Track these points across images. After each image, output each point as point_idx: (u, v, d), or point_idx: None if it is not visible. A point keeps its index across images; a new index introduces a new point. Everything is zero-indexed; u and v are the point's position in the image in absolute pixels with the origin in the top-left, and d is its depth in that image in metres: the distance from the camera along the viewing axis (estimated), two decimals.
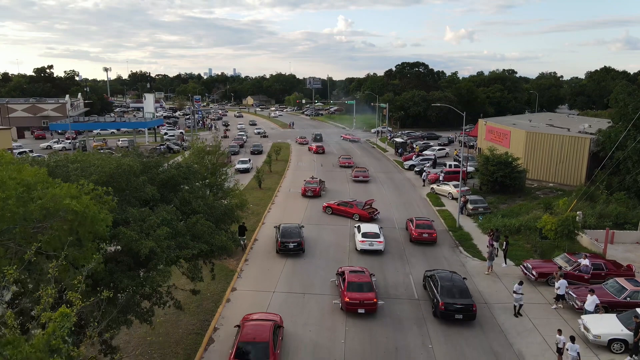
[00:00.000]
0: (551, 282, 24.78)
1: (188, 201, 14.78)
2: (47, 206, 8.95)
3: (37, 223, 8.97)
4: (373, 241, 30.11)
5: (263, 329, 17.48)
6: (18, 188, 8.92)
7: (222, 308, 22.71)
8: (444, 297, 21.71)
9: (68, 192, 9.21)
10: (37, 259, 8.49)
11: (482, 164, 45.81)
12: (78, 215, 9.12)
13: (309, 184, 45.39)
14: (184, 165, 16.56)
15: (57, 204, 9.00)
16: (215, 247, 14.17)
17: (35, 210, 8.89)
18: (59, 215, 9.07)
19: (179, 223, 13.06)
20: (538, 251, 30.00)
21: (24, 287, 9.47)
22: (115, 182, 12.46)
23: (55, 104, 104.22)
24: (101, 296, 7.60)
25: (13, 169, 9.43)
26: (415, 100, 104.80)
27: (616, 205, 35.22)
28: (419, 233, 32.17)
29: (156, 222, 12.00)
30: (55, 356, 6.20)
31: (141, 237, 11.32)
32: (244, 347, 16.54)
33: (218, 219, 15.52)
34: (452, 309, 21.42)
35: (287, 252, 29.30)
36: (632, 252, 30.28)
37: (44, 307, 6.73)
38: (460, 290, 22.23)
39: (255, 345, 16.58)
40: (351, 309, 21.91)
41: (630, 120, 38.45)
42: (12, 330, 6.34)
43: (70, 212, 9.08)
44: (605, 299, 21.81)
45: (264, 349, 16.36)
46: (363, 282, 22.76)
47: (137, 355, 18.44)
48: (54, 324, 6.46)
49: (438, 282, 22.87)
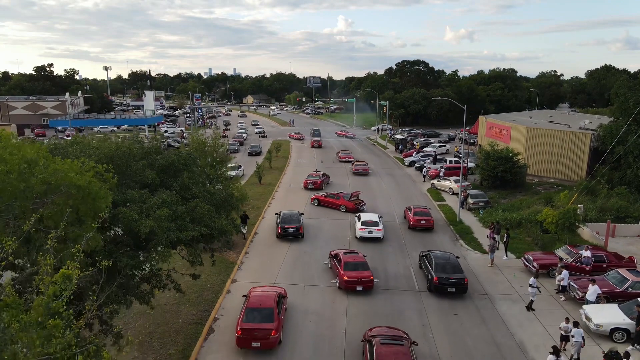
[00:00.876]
0: (552, 274, 24.70)
1: (188, 186, 14.70)
2: (48, 180, 8.85)
3: (38, 198, 8.87)
4: (372, 229, 30.89)
5: (268, 298, 19.08)
6: (20, 163, 8.83)
7: (222, 299, 22.63)
8: (438, 273, 23.08)
9: (70, 168, 9.12)
10: (37, 234, 8.40)
11: (483, 159, 45.74)
12: (80, 190, 9.02)
13: (311, 177, 46.04)
14: (184, 152, 16.49)
15: (59, 179, 8.90)
16: (215, 230, 14.09)
17: (36, 184, 8.77)
18: (61, 190, 8.98)
19: (179, 206, 12.98)
20: (539, 244, 29.92)
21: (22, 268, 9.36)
22: (115, 165, 12.38)
23: (55, 101, 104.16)
24: (99, 265, 7.51)
25: (13, 146, 9.35)
26: (415, 98, 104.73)
27: (617, 199, 35.13)
28: (417, 220, 33.18)
29: (156, 203, 11.93)
30: (56, 317, 6.09)
31: (141, 217, 11.25)
32: (251, 313, 18.05)
33: (218, 205, 15.45)
34: (445, 283, 22.84)
35: (286, 237, 30.41)
36: (633, 245, 30.20)
37: (42, 276, 6.62)
38: (453, 266, 23.62)
39: (261, 310, 18.12)
40: (350, 287, 23.00)
41: (631, 114, 38.38)
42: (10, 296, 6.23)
43: (72, 186, 8.97)
44: (607, 289, 21.72)
45: (269, 314, 17.95)
46: (358, 262, 24.04)
47: (137, 345, 18.36)
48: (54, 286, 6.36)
49: (432, 260, 24.22)
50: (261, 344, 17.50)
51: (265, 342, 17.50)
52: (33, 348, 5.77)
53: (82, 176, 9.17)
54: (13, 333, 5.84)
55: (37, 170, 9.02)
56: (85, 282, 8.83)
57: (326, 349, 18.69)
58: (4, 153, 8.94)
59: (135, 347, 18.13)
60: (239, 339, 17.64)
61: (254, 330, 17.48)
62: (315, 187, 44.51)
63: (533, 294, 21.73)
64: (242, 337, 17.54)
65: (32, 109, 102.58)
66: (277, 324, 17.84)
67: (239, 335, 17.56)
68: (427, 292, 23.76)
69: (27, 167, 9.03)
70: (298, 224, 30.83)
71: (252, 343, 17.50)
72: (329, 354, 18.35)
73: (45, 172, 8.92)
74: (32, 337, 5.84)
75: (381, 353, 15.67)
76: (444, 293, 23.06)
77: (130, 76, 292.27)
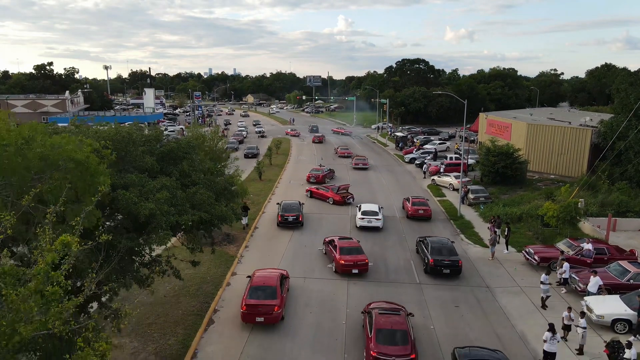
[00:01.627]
0: (554, 267, 24.61)
1: (188, 173, 14.61)
2: (46, 155, 8.77)
3: (37, 174, 8.78)
4: (372, 219, 31.80)
5: (271, 277, 20.38)
6: (18, 139, 8.75)
7: (222, 291, 22.55)
8: (434, 255, 24.38)
9: (68, 142, 9.03)
10: (36, 213, 8.31)
11: (484, 154, 45.66)
12: (79, 165, 8.94)
13: (315, 171, 46.84)
14: (184, 140, 16.42)
15: (57, 154, 8.82)
16: (215, 216, 14.01)
17: (34, 159, 8.70)
18: (59, 165, 8.88)
19: (178, 191, 12.89)
20: (540, 238, 29.83)
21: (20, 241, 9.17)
22: (114, 149, 12.29)
23: (55, 99, 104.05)
24: (99, 239, 7.43)
25: (10, 123, 9.25)
26: (415, 96, 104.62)
27: (618, 194, 35.05)
28: (415, 210, 34.47)
29: (156, 187, 11.84)
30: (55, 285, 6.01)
31: (140, 200, 11.15)
32: (255, 291, 19.23)
33: (218, 193, 15.36)
34: (440, 265, 24.13)
35: (286, 225, 31.54)
36: (634, 239, 30.10)
37: (41, 249, 6.52)
38: (448, 249, 24.86)
39: (265, 289, 19.27)
40: (346, 270, 24.06)
41: (631, 110, 38.28)
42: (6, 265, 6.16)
43: (70, 160, 8.88)
44: (609, 281, 21.65)
45: (272, 291, 19.15)
46: (353, 247, 25.18)
47: (137, 335, 18.29)
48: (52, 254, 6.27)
49: (429, 244, 25.47)
50: (265, 319, 18.58)
51: (268, 317, 18.60)
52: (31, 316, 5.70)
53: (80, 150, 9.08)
54: (11, 303, 5.76)
55: (35, 145, 8.94)
56: (84, 256, 8.75)
57: (325, 342, 18.63)
58: (1, 130, 8.85)
59: (135, 337, 18.07)
60: (244, 315, 18.75)
61: (258, 306, 18.54)
62: (317, 180, 44.99)
63: (546, 291, 21.25)
64: (247, 313, 18.65)
65: (32, 107, 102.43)
66: (279, 300, 18.98)
67: (244, 310, 18.66)
68: (428, 285, 23.72)
69: (25, 142, 8.95)
70: (298, 213, 31.97)
71: (257, 318, 18.56)
72: (329, 346, 18.30)
73: (42, 147, 8.85)
74: (30, 304, 5.76)
75: (379, 322, 17.11)
76: (439, 274, 24.24)
77: (131, 76, 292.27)
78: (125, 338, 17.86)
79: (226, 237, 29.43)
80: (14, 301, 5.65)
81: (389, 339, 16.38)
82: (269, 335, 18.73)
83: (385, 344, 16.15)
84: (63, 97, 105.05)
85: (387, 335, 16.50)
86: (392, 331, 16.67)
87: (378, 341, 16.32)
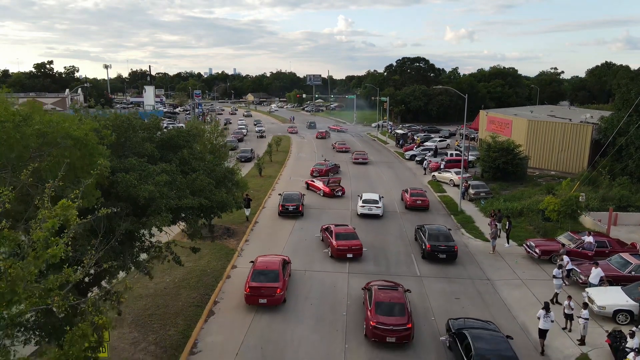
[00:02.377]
0: (554, 260, 24.54)
1: (188, 161, 14.54)
2: (44, 131, 8.70)
3: (35, 152, 8.72)
4: (372, 206, 33.32)
5: (274, 262, 21.23)
6: (16, 116, 8.69)
7: (222, 283, 22.49)
8: (431, 241, 25.40)
9: (66, 120, 8.96)
10: (34, 192, 8.24)
11: (484, 150, 45.61)
12: (77, 142, 8.88)
13: (319, 165, 48.02)
14: (184, 129, 16.34)
15: (56, 130, 8.77)
16: (215, 202, 13.93)
17: (32, 135, 8.64)
18: (57, 142, 8.83)
19: (178, 176, 12.82)
20: (541, 232, 29.77)
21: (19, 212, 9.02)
22: (114, 132, 12.23)
23: (55, 98, 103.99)
24: (98, 214, 7.36)
25: (8, 103, 9.18)
26: (416, 94, 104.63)
27: (619, 188, 34.99)
28: (414, 200, 35.70)
29: (155, 171, 11.76)
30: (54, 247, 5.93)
31: (140, 183, 11.08)
32: (258, 274, 20.03)
33: (218, 181, 15.30)
34: (436, 250, 25.15)
35: (287, 214, 32.85)
36: (635, 232, 30.01)
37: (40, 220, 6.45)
38: (444, 235, 25.99)
39: (267, 272, 20.08)
40: (341, 254, 25.09)
41: (632, 105, 38.24)
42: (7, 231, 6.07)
43: (69, 137, 8.83)
44: (610, 273, 21.59)
45: (275, 275, 19.96)
46: (348, 232, 26.26)
47: (137, 326, 18.23)
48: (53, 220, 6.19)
49: (426, 231, 26.48)
50: (267, 301, 19.36)
51: (271, 299, 19.38)
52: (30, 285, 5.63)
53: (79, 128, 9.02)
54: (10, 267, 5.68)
55: (33, 122, 8.88)
56: (83, 233, 8.68)
57: (326, 340, 18.58)
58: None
59: (135, 328, 18.00)
60: (247, 296, 19.52)
61: (261, 288, 19.36)
62: (321, 174, 45.79)
63: (558, 287, 20.70)
64: (250, 295, 19.43)
65: None
66: (281, 283, 19.78)
67: (247, 292, 19.45)
68: (429, 277, 23.66)
69: (23, 120, 8.88)
70: (298, 203, 33.27)
71: (260, 300, 19.37)
72: (330, 336, 18.25)
73: (40, 125, 8.79)
74: (31, 269, 5.69)
75: (379, 296, 18.26)
76: (435, 259, 25.29)
77: (131, 75, 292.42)
78: (125, 328, 17.81)
79: (226, 230, 29.39)
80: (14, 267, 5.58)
81: (387, 311, 17.33)
82: (269, 324, 18.68)
83: (384, 315, 17.13)
84: (63, 96, 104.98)
85: (386, 308, 17.48)
86: (391, 304, 17.65)
87: (377, 313, 17.29)
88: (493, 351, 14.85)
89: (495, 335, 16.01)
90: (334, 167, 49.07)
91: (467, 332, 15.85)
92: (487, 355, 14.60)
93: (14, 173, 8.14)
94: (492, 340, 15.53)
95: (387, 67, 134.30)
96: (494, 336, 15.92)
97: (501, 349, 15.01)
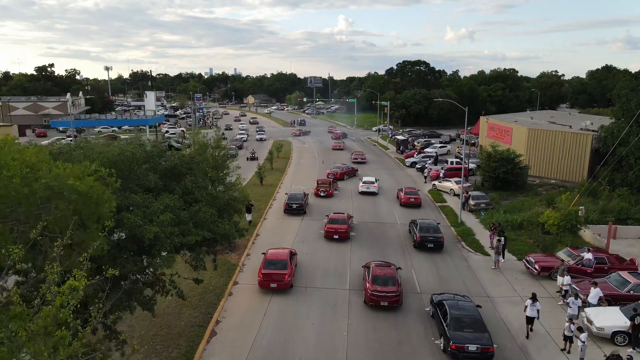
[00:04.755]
0: (554, 276, 24.71)
1: (191, 190, 14.71)
2: (51, 185, 8.88)
3: (42, 204, 8.90)
4: (369, 185, 43.63)
5: (282, 254, 24.83)
6: (23, 168, 8.87)
7: (224, 301, 22.65)
8: (421, 233, 29.80)
9: (72, 173, 9.16)
10: (42, 240, 8.43)
11: (485, 160, 45.74)
12: (82, 196, 9.07)
13: (335, 168, 51.91)
14: (187, 156, 16.51)
15: (61, 184, 8.95)
16: (218, 235, 14.11)
17: (39, 189, 8.82)
18: (64, 195, 9.02)
19: (182, 211, 12.99)
20: (540, 246, 29.92)
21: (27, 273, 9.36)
22: (118, 170, 12.39)
23: (56, 102, 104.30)
24: (106, 274, 7.54)
25: (15, 150, 9.36)
26: (416, 98, 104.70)
27: (619, 200, 35.12)
28: (407, 198, 40.21)
29: (159, 208, 11.96)
30: (63, 329, 6.12)
31: (145, 222, 11.26)
32: (269, 263, 23.72)
33: (221, 209, 15.47)
34: (425, 240, 29.49)
35: (291, 211, 36.83)
36: (634, 246, 30.19)
37: (49, 284, 6.64)
38: (433, 228, 30.40)
39: (277, 262, 23.77)
40: (329, 235, 30.90)
41: (633, 116, 38.35)
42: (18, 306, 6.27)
43: (74, 191, 9.02)
44: (609, 292, 21.74)
45: (283, 264, 23.67)
46: (339, 218, 31.85)
47: (140, 348, 18.38)
48: (61, 297, 6.39)
49: (418, 224, 30.95)
50: (277, 285, 23.13)
51: (280, 284, 23.12)
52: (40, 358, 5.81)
53: (83, 182, 9.20)
54: (21, 342, 5.88)
55: (40, 174, 9.07)
56: (91, 290, 8.86)
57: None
58: (7, 158, 8.96)
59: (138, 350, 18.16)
60: (260, 282, 23.32)
61: (272, 274, 23.05)
62: (336, 177, 49.63)
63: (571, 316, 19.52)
64: (263, 280, 23.19)
65: (33, 109, 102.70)
66: (289, 270, 23.47)
67: (260, 278, 23.25)
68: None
69: (30, 171, 9.06)
70: (301, 202, 37.20)
71: (271, 284, 23.11)
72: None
73: (48, 177, 8.98)
74: (40, 346, 5.89)
75: (375, 271, 22.82)
76: (424, 248, 29.53)
77: (131, 76, 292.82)
78: (128, 350, 17.98)
79: (227, 245, 29.51)
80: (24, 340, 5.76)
81: (382, 282, 21.97)
82: (273, 346, 18.85)
83: (379, 285, 21.79)
84: (64, 100, 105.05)
85: (381, 280, 22.10)
86: (385, 277, 22.27)
87: (374, 283, 21.91)
88: (464, 315, 18.93)
89: (467, 304, 20.02)
90: (349, 170, 51.78)
91: (445, 302, 20.05)
92: (460, 318, 18.71)
93: (21, 225, 8.32)
94: (464, 308, 19.56)
95: (387, 71, 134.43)
96: (466, 305, 19.94)
97: (471, 314, 19.12)
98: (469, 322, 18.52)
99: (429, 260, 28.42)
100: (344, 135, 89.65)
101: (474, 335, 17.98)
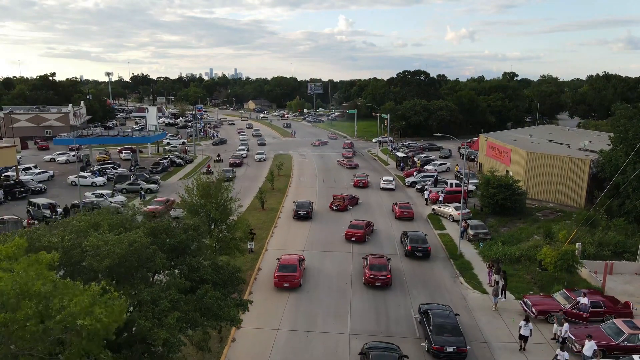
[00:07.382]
0: (551, 320, 25.15)
1: (196, 268, 15.18)
2: (64, 323, 9.36)
3: (56, 340, 9.36)
4: (389, 183, 56.81)
5: (293, 259, 31.07)
6: (39, 305, 9.33)
7: (227, 349, 23.00)
8: (411, 244, 34.97)
9: (82, 308, 9.57)
10: None
11: (483, 185, 46.22)
12: (89, 333, 9.53)
13: (359, 177, 59.17)
14: (192, 225, 16.95)
15: (73, 321, 9.43)
16: (223, 320, 14.55)
17: (55, 327, 9.30)
18: (76, 329, 9.50)
19: (187, 305, 13.37)
20: (538, 284, 30.39)
21: None
22: (128, 262, 12.88)
23: (58, 113, 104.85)
24: None
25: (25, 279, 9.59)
26: (416, 109, 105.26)
27: (615, 233, 35.57)
28: (401, 212, 45.06)
29: (167, 306, 12.42)
30: None
31: (154, 324, 11.72)
32: (283, 267, 29.79)
33: (225, 282, 15.92)
34: (415, 250, 34.67)
35: (299, 218, 43.74)
36: (630, 283, 30.64)
37: None
38: (422, 239, 35.53)
39: (288, 266, 29.90)
40: (348, 238, 38.20)
41: (630, 145, 38.81)
42: None
43: (84, 328, 9.49)
44: (603, 342, 22.16)
45: (294, 267, 29.85)
46: (358, 224, 39.09)
47: None
48: None
49: (408, 236, 36.12)
50: (289, 284, 29.12)
51: (292, 283, 29.17)
52: None
53: (91, 317, 9.62)
54: None
55: (53, 308, 9.49)
56: None
57: None
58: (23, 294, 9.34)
59: None
60: (275, 282, 29.30)
61: (285, 276, 29.16)
62: (364, 185, 57.59)
63: None
64: (278, 281, 29.21)
65: (35, 121, 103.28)
66: (298, 273, 29.65)
67: (276, 279, 29.28)
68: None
69: (44, 307, 9.54)
70: (308, 209, 44.24)
71: (284, 284, 29.08)
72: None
73: (60, 314, 9.42)
74: None
75: (372, 261, 30.79)
76: (414, 257, 34.74)
77: (132, 79, 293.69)
78: None
79: None
80: None
81: (377, 269, 29.98)
82: None
83: (374, 271, 29.81)
84: (66, 111, 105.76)
85: (376, 267, 30.14)
86: (379, 265, 30.29)
87: (370, 270, 29.94)
88: (445, 322, 23.10)
89: (448, 313, 24.28)
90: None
91: (430, 311, 24.29)
92: (441, 324, 22.86)
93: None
94: (445, 316, 23.88)
95: (388, 80, 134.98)
96: (447, 314, 24.19)
97: (450, 321, 23.35)
98: (449, 328, 22.61)
99: (428, 298, 28.68)
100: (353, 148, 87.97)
101: (452, 339, 21.97)
